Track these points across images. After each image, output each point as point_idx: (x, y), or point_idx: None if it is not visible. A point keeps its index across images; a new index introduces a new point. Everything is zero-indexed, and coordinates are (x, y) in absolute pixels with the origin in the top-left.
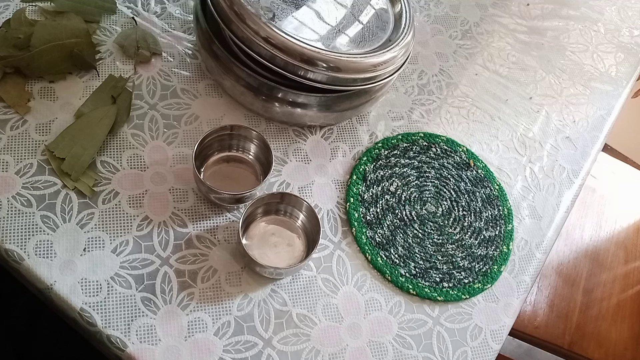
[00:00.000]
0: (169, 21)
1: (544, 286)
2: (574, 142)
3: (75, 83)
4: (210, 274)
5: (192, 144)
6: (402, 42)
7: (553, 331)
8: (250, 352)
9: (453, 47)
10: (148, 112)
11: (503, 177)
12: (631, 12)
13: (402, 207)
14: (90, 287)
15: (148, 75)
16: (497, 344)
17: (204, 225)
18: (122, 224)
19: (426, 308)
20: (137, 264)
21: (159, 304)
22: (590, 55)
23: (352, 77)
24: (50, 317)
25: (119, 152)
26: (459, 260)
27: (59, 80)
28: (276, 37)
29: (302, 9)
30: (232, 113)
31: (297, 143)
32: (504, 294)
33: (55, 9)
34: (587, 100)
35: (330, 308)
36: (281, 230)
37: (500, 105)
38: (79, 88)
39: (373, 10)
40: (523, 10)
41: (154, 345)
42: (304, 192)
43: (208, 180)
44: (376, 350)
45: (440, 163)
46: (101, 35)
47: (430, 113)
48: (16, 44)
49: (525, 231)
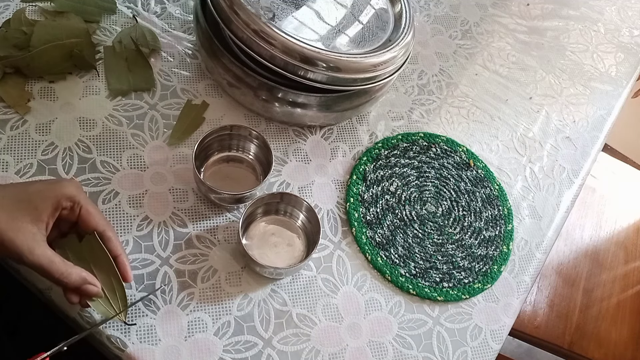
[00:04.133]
0: (169, 21)
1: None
2: (574, 142)
3: (75, 83)
4: (210, 274)
5: (192, 144)
6: (402, 42)
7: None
8: (250, 352)
9: (453, 47)
10: (148, 112)
11: (503, 177)
12: (631, 12)
13: (402, 207)
14: None
15: None
16: (497, 344)
17: (204, 225)
18: (122, 224)
19: (426, 308)
20: (137, 263)
21: (159, 304)
22: (590, 55)
23: (352, 77)
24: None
25: (119, 152)
26: (459, 260)
27: (59, 80)
28: (276, 37)
29: (302, 9)
30: (232, 113)
31: (297, 143)
32: (504, 294)
33: (55, 9)
34: (587, 100)
35: (330, 308)
36: (281, 230)
37: (500, 105)
38: (79, 88)
39: (373, 10)
40: (523, 10)
41: (154, 345)
42: (304, 192)
43: (208, 180)
44: (376, 350)
45: (440, 163)
46: (101, 35)
47: (430, 113)
48: (16, 44)
49: (525, 231)
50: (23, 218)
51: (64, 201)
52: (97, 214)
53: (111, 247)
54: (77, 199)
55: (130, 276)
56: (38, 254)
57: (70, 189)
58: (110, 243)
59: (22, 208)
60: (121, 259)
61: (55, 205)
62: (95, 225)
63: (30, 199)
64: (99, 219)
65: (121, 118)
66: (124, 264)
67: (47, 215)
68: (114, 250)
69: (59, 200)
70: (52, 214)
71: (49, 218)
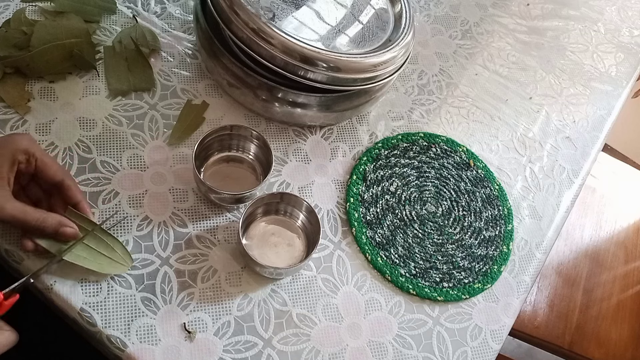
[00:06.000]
0: (169, 21)
1: (544, 286)
2: (574, 142)
3: (75, 83)
4: (210, 274)
5: (192, 144)
6: (402, 42)
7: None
8: (250, 352)
9: (453, 47)
10: (148, 112)
11: (503, 177)
12: (631, 12)
13: (402, 207)
14: (91, 287)
15: None
16: (497, 344)
17: (204, 225)
18: (122, 223)
19: (426, 308)
20: (137, 263)
21: (159, 304)
22: (590, 55)
23: (352, 77)
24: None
25: (119, 152)
26: (459, 260)
27: (59, 80)
28: (276, 37)
29: (302, 9)
30: (232, 113)
31: (297, 143)
32: (504, 294)
33: (55, 9)
34: (587, 100)
35: (330, 308)
36: (281, 230)
37: (500, 105)
38: (79, 88)
39: (373, 10)
40: (523, 10)
41: (154, 345)
42: (304, 192)
43: (208, 180)
44: (376, 350)
45: (440, 163)
46: (101, 35)
47: (430, 113)
48: (16, 44)
49: (525, 231)
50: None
51: (19, 155)
52: (53, 165)
53: (71, 195)
54: (31, 151)
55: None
56: (9, 208)
57: (24, 142)
58: (69, 191)
59: None
60: (82, 205)
61: (12, 160)
62: (54, 175)
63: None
64: (56, 169)
65: (121, 118)
66: (85, 210)
67: (6, 170)
68: (74, 197)
69: (14, 154)
70: (10, 169)
71: (8, 173)
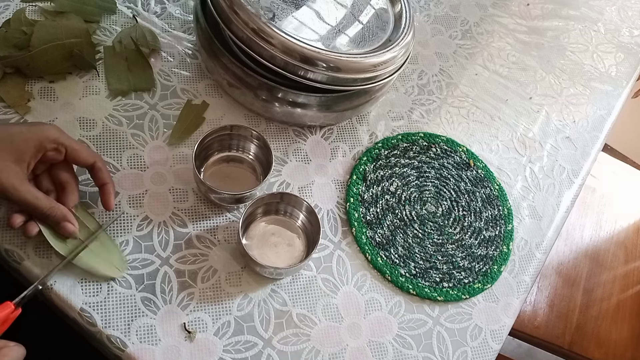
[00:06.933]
0: (169, 21)
1: (544, 286)
2: (574, 142)
3: (75, 83)
4: (210, 274)
5: (192, 144)
6: (402, 42)
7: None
8: (250, 352)
9: (453, 47)
10: (148, 112)
11: (503, 177)
12: (631, 12)
13: (402, 207)
14: (91, 287)
15: None
16: (497, 344)
17: (204, 225)
18: (122, 223)
19: (426, 308)
20: (137, 263)
21: (159, 304)
22: (590, 55)
23: (352, 77)
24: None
25: (119, 152)
26: (459, 260)
27: (59, 80)
28: (276, 37)
29: (302, 9)
30: (232, 113)
31: (297, 143)
32: (504, 294)
33: (55, 9)
34: (587, 100)
35: (330, 308)
36: (281, 230)
37: (500, 105)
38: (79, 88)
39: (373, 10)
40: (523, 10)
41: (154, 345)
42: (304, 192)
43: (208, 180)
44: (376, 350)
45: (440, 163)
46: (101, 35)
47: (430, 113)
48: (16, 44)
49: (525, 231)
50: (6, 157)
51: (47, 143)
52: (83, 150)
53: (100, 176)
54: (60, 140)
55: (111, 205)
56: (23, 190)
57: (52, 131)
58: (100, 172)
59: (4, 149)
60: (107, 187)
61: (38, 147)
62: (85, 159)
63: (13, 139)
64: (87, 153)
65: (121, 118)
66: (109, 193)
67: (30, 156)
68: (103, 179)
69: (42, 142)
70: (34, 155)
71: (31, 159)
